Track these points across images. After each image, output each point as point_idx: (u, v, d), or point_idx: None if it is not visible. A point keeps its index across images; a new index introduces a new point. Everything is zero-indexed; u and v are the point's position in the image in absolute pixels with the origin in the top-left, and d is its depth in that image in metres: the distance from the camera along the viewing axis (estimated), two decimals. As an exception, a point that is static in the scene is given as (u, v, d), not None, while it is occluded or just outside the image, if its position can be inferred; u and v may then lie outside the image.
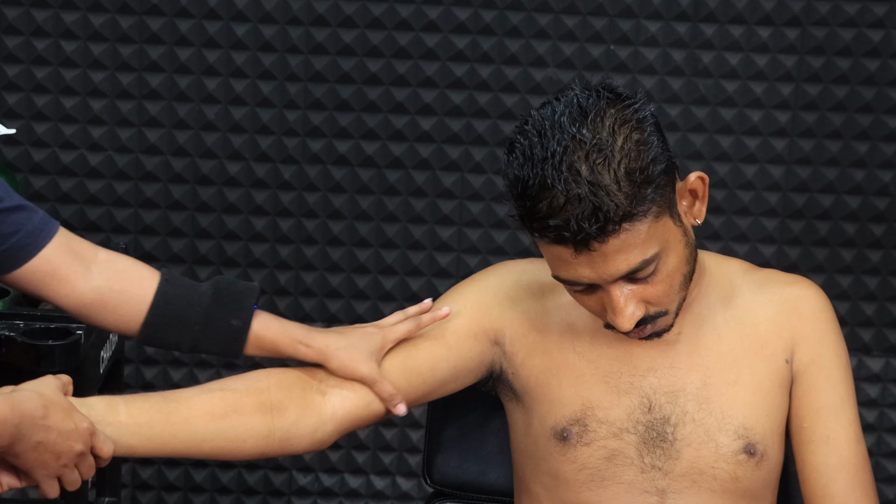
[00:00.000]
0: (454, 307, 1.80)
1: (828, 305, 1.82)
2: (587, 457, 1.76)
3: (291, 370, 1.74)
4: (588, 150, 1.60)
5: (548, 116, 1.63)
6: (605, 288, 1.66)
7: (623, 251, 1.62)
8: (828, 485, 1.76)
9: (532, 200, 1.61)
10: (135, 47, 2.82)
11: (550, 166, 1.60)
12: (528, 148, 1.62)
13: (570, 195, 1.59)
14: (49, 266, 1.68)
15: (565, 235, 1.60)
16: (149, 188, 2.87)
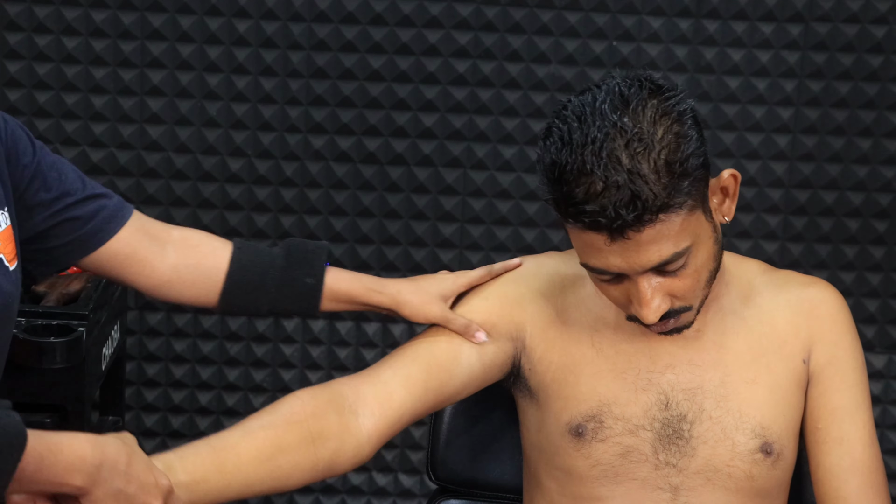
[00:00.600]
0: (480, 303, 1.81)
1: (845, 307, 1.83)
2: (601, 453, 1.76)
3: (321, 391, 1.71)
4: (629, 139, 1.59)
5: (588, 103, 1.62)
6: (632, 279, 1.66)
7: (656, 242, 1.62)
8: (841, 486, 1.76)
9: (569, 185, 1.60)
10: (136, 44, 2.81)
11: (590, 152, 1.59)
12: (566, 133, 1.61)
13: (608, 181, 1.58)
14: (127, 248, 1.73)
15: (601, 221, 1.60)
16: (151, 185, 2.87)
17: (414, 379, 1.74)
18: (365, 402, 1.71)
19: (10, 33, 2.80)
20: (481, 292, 1.83)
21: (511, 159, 2.87)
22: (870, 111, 2.85)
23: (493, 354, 1.80)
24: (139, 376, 2.95)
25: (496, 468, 1.97)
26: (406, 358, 1.76)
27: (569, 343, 1.80)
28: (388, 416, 1.72)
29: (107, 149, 2.85)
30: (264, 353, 2.95)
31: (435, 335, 1.79)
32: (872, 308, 2.92)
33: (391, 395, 1.72)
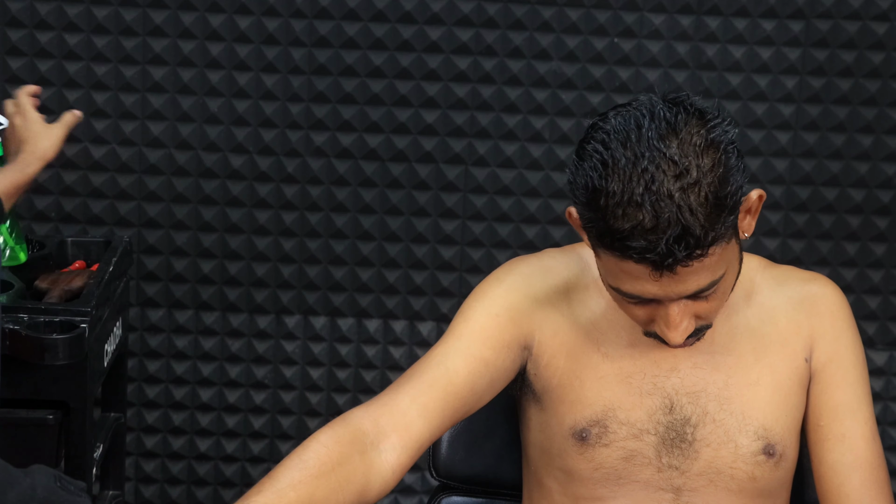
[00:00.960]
0: (489, 320, 1.78)
1: (845, 304, 1.82)
2: (605, 457, 1.75)
3: (343, 431, 1.67)
4: (680, 172, 1.55)
5: (632, 128, 1.58)
6: (663, 303, 1.64)
7: (696, 273, 1.60)
8: (843, 483, 1.75)
9: (614, 216, 1.56)
10: (138, 40, 2.81)
11: (640, 184, 1.55)
12: (610, 158, 1.57)
13: (659, 217, 1.55)
14: None
15: (649, 257, 1.56)
16: (152, 181, 2.87)
17: (431, 408, 1.71)
18: (386, 435, 1.69)
19: (11, 30, 2.80)
20: (489, 307, 1.79)
21: (512, 156, 2.87)
22: (871, 108, 2.85)
23: (504, 371, 1.78)
24: (141, 373, 2.95)
25: (497, 465, 1.96)
26: (423, 384, 1.72)
27: (575, 348, 1.78)
28: (409, 447, 1.70)
29: (108, 145, 2.85)
30: (265, 349, 2.95)
31: (452, 356, 1.75)
32: (873, 304, 2.93)
33: (410, 426, 1.69)
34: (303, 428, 2.97)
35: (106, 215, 2.88)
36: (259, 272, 2.91)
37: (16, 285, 2.38)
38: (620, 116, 1.60)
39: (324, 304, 2.93)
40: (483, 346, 1.76)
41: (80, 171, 2.86)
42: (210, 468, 2.99)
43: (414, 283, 2.92)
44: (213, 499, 3.00)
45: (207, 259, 2.91)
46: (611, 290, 1.67)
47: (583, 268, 1.82)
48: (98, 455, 2.45)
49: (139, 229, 2.89)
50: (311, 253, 2.91)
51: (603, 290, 1.80)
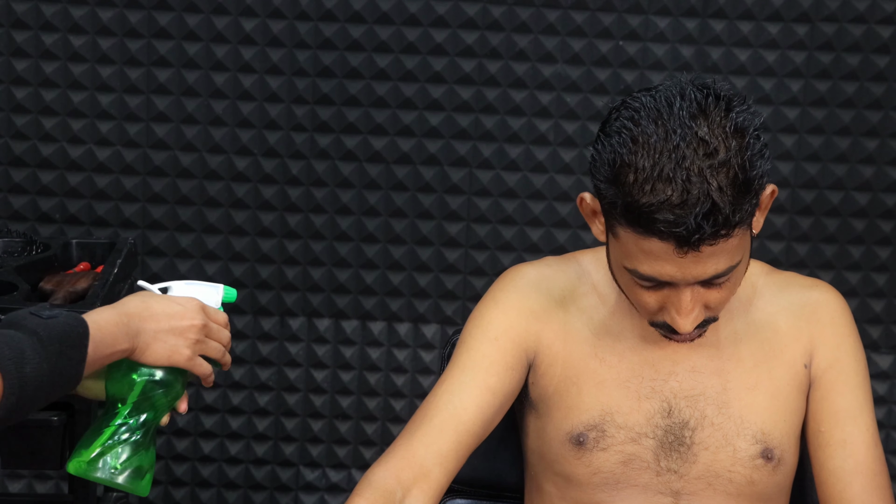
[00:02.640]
0: (489, 345, 1.78)
1: (846, 310, 1.82)
2: (603, 461, 1.75)
3: (373, 494, 1.70)
4: (710, 151, 1.56)
5: (663, 106, 1.59)
6: (676, 287, 1.64)
7: (716, 255, 1.60)
8: (844, 489, 1.75)
9: (642, 191, 1.57)
10: (143, 42, 2.81)
11: (672, 160, 1.56)
12: (640, 135, 1.58)
13: (689, 192, 1.55)
14: None
15: (677, 232, 1.56)
16: (157, 183, 2.87)
17: (445, 452, 1.73)
18: (409, 490, 1.71)
19: (16, 31, 2.80)
20: (488, 331, 1.79)
21: (517, 158, 2.87)
22: (876, 111, 2.85)
23: (511, 392, 1.78)
24: (145, 374, 2.95)
25: (502, 468, 1.97)
26: (434, 429, 1.73)
27: (572, 355, 1.79)
28: (431, 495, 1.72)
29: (113, 147, 2.86)
30: (269, 351, 2.95)
31: (459, 392, 1.76)
32: (878, 308, 2.92)
33: (429, 475, 1.72)
34: (307, 430, 2.97)
35: (111, 217, 2.88)
36: (263, 274, 2.91)
37: (18, 286, 2.38)
38: (650, 96, 1.61)
39: (328, 306, 2.93)
40: (487, 374, 1.76)
41: (85, 172, 2.86)
42: (214, 469, 2.99)
43: (418, 286, 2.92)
44: (216, 500, 3.00)
45: (212, 261, 2.91)
46: (624, 275, 1.67)
47: (581, 275, 1.82)
48: (102, 457, 2.45)
49: (144, 231, 2.89)
50: (316, 255, 2.91)
51: (602, 295, 1.80)
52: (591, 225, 1.72)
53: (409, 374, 2.96)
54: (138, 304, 1.61)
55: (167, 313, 1.62)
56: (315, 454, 2.98)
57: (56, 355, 1.49)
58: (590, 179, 1.67)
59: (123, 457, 1.63)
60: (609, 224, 1.65)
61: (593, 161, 1.63)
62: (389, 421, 2.97)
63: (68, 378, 1.52)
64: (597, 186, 1.64)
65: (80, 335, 1.51)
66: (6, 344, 1.45)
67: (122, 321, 1.58)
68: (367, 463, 2.97)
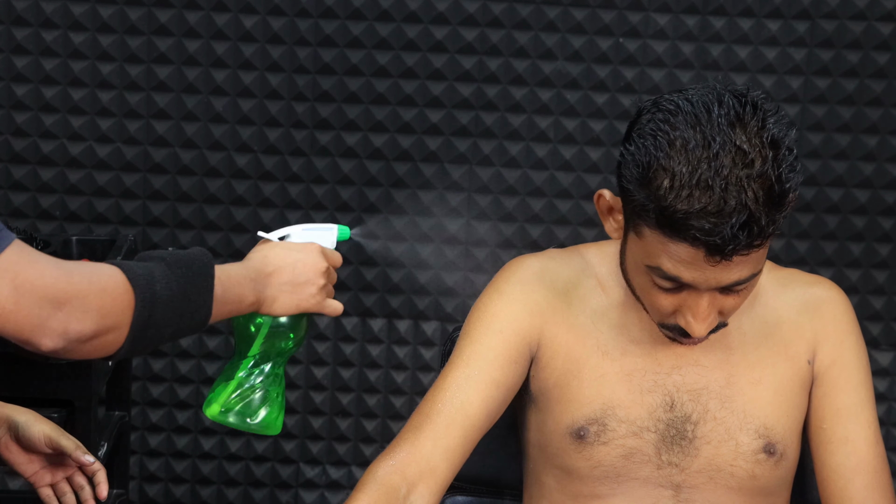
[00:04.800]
0: (494, 338, 1.77)
1: (849, 307, 1.82)
2: (604, 455, 1.75)
3: (378, 494, 1.69)
4: (747, 161, 1.56)
5: (702, 111, 1.58)
6: (695, 291, 1.64)
7: (742, 264, 1.60)
8: (846, 486, 1.75)
9: (678, 196, 1.56)
10: (143, 39, 2.81)
11: (711, 168, 1.55)
12: (677, 139, 1.57)
13: (727, 202, 1.55)
14: None
15: (711, 240, 1.56)
16: (157, 180, 2.87)
17: (452, 448, 1.72)
18: (414, 486, 1.70)
19: (17, 28, 2.80)
20: (492, 324, 1.78)
21: (517, 156, 2.87)
22: (876, 108, 2.85)
23: (514, 385, 1.78)
24: (145, 372, 2.95)
25: (502, 464, 1.96)
26: (441, 425, 1.73)
27: (574, 348, 1.78)
28: (436, 491, 1.72)
29: (113, 144, 2.86)
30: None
31: (464, 386, 1.75)
32: (878, 305, 2.92)
33: (435, 471, 1.71)
34: (307, 427, 2.97)
35: (111, 214, 2.88)
36: (263, 271, 2.91)
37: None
38: (685, 99, 1.60)
39: (328, 303, 2.93)
40: (491, 367, 1.76)
41: (85, 169, 2.86)
42: (214, 467, 2.99)
43: (418, 283, 2.92)
44: (217, 497, 3.00)
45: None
46: (642, 275, 1.66)
47: (584, 268, 1.82)
48: (102, 454, 2.45)
49: (144, 228, 2.89)
50: (316, 252, 2.91)
51: (606, 289, 1.80)
52: (604, 221, 1.72)
53: (410, 371, 2.96)
54: (261, 259, 1.63)
55: (290, 263, 1.64)
56: (315, 451, 2.98)
57: (184, 279, 1.51)
58: (615, 178, 1.65)
59: (255, 402, 1.66)
60: (633, 223, 1.64)
61: (622, 161, 1.62)
62: (389, 418, 2.97)
63: (198, 307, 1.52)
64: (624, 186, 1.63)
65: (205, 264, 1.53)
66: (136, 265, 1.48)
67: (249, 275, 1.59)
68: (367, 460, 2.97)
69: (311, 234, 1.73)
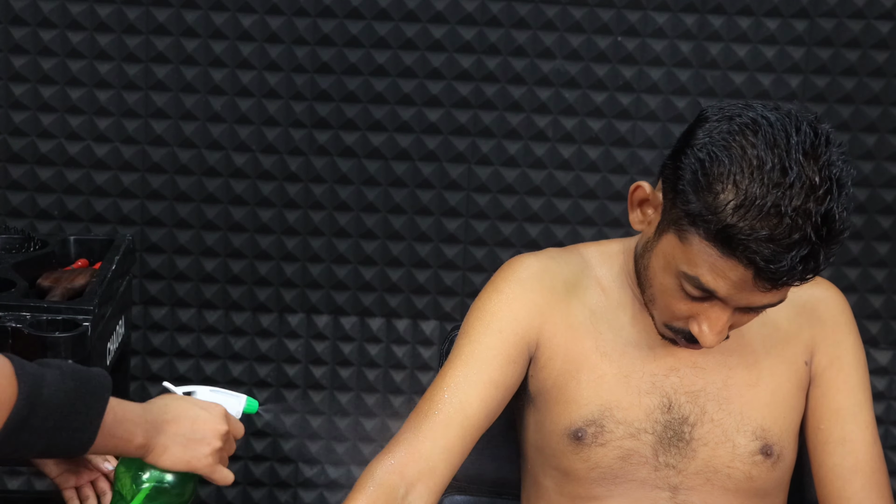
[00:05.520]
0: (494, 338, 1.77)
1: (847, 308, 1.82)
2: (601, 456, 1.75)
3: (376, 493, 1.70)
4: (819, 196, 1.55)
5: (780, 134, 1.55)
6: (720, 305, 1.63)
7: (781, 291, 1.60)
8: (844, 487, 1.75)
9: (744, 217, 1.54)
10: (141, 38, 2.81)
11: (786, 196, 1.53)
12: (755, 158, 1.55)
13: (794, 233, 1.54)
14: None
15: (769, 267, 1.55)
16: (155, 179, 2.87)
17: (451, 447, 1.73)
18: (413, 486, 1.71)
19: (14, 27, 2.79)
20: (491, 323, 1.78)
21: (516, 155, 2.87)
22: (875, 107, 2.85)
23: (513, 385, 1.78)
24: (144, 371, 2.95)
25: (501, 464, 1.96)
26: (440, 424, 1.73)
27: (572, 348, 1.78)
28: (435, 491, 1.72)
29: (111, 143, 2.85)
30: (268, 348, 2.95)
31: (464, 385, 1.75)
32: (877, 304, 2.92)
33: (434, 471, 1.72)
34: (305, 426, 2.97)
35: (109, 213, 2.87)
36: (262, 271, 2.91)
37: (17, 283, 2.38)
38: (763, 117, 1.57)
39: (327, 302, 2.93)
40: (490, 367, 1.76)
41: (83, 169, 2.86)
42: (213, 466, 2.99)
43: (417, 282, 2.92)
44: (216, 497, 3.00)
45: (210, 257, 2.91)
46: (669, 278, 1.65)
47: (583, 268, 1.81)
48: (100, 454, 2.45)
49: (142, 227, 2.89)
50: (314, 251, 2.91)
51: (605, 289, 1.79)
52: (631, 211, 1.70)
53: (408, 371, 2.96)
54: (161, 406, 1.56)
55: (190, 417, 1.57)
56: (314, 450, 2.98)
57: (75, 393, 1.44)
58: (658, 174, 1.64)
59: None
60: (678, 227, 1.62)
61: (680, 163, 1.60)
62: (388, 417, 2.97)
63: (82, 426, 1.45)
64: (677, 188, 1.61)
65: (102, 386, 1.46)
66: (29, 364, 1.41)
67: (145, 416, 1.52)
68: (365, 459, 2.97)
69: (218, 397, 1.66)
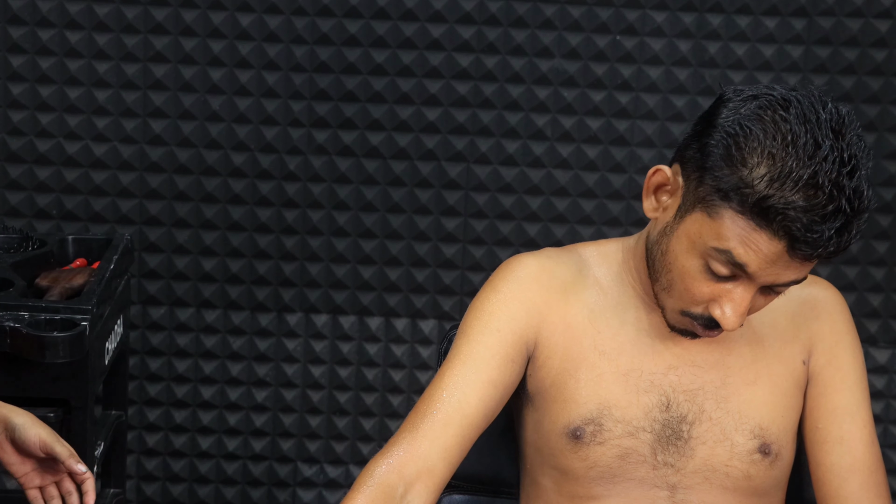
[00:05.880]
0: (492, 337, 1.77)
1: (845, 307, 1.82)
2: (599, 455, 1.75)
3: (374, 492, 1.70)
4: (850, 170, 1.57)
5: (810, 109, 1.58)
6: (743, 284, 1.63)
7: (805, 267, 1.62)
8: (841, 486, 1.75)
9: (782, 187, 1.56)
10: (139, 38, 2.81)
11: (822, 169, 1.55)
12: (789, 132, 1.57)
13: (830, 204, 1.55)
14: None
15: (806, 237, 1.57)
16: (154, 179, 2.87)
17: (450, 446, 1.73)
18: (412, 485, 1.71)
19: (13, 27, 2.79)
20: (489, 322, 1.78)
21: (514, 153, 2.87)
22: (873, 106, 2.84)
23: (511, 384, 1.78)
24: (142, 371, 2.95)
25: (499, 463, 1.96)
26: (439, 423, 1.73)
27: (571, 347, 1.78)
28: (434, 490, 1.72)
29: (109, 143, 2.85)
30: (267, 347, 2.95)
31: (462, 385, 1.75)
32: (876, 303, 2.92)
33: (433, 470, 1.72)
34: (304, 425, 2.97)
35: (107, 213, 2.87)
36: (260, 270, 2.91)
37: (15, 283, 2.38)
38: (793, 96, 1.60)
39: (325, 301, 2.93)
40: (488, 366, 1.76)
41: (82, 168, 2.86)
42: (212, 466, 2.99)
43: (416, 281, 2.92)
44: (214, 497, 3.00)
45: (209, 257, 2.91)
46: (696, 257, 1.65)
47: (581, 267, 1.81)
48: (99, 453, 2.45)
49: (140, 227, 2.89)
50: (313, 250, 2.91)
51: (603, 288, 1.79)
52: (645, 199, 1.71)
53: (407, 370, 2.96)
54: None
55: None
56: (313, 450, 2.98)
57: None
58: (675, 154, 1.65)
59: None
60: (707, 203, 1.62)
61: (706, 139, 1.62)
62: (387, 416, 2.97)
63: None
64: (706, 165, 1.62)
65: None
66: None
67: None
68: (364, 459, 2.97)
69: None
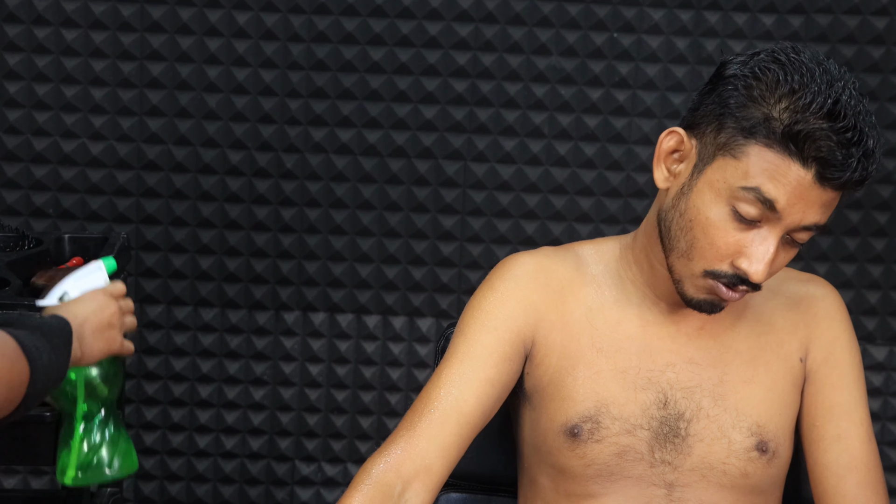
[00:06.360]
0: (489, 335, 1.77)
1: (842, 305, 1.82)
2: (597, 453, 1.75)
3: (372, 491, 1.70)
4: (863, 106, 1.62)
5: (815, 56, 1.64)
6: (768, 230, 1.65)
7: (828, 205, 1.64)
8: (839, 484, 1.75)
9: (809, 112, 1.59)
10: (136, 36, 2.81)
11: (842, 100, 1.60)
12: (807, 72, 1.61)
13: (854, 130, 1.59)
14: None
15: (835, 160, 1.59)
16: (150, 177, 2.87)
17: (448, 445, 1.73)
18: (409, 483, 1.71)
19: (9, 25, 2.79)
20: (487, 321, 1.78)
21: (512, 151, 2.87)
22: (871, 103, 2.84)
23: (509, 383, 1.78)
24: (139, 369, 2.95)
25: (496, 462, 1.96)
26: (436, 421, 1.73)
27: (568, 345, 1.78)
28: (432, 488, 1.72)
29: (106, 141, 2.85)
30: (264, 345, 2.94)
31: (459, 383, 1.75)
32: (873, 300, 2.92)
33: (430, 469, 1.72)
34: (302, 424, 2.97)
35: (104, 211, 2.87)
36: (258, 268, 2.91)
37: (11, 282, 2.38)
38: (794, 48, 1.65)
39: (323, 300, 2.93)
40: (486, 364, 1.76)
41: (78, 167, 2.86)
42: (209, 464, 2.99)
43: (413, 279, 2.92)
44: (212, 495, 3.00)
45: (206, 255, 2.90)
46: (721, 205, 1.66)
47: (579, 266, 1.81)
48: (96, 452, 2.45)
49: (137, 225, 2.88)
50: (311, 249, 2.90)
51: (601, 286, 1.79)
52: (657, 168, 1.72)
53: (405, 368, 2.96)
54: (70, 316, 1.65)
55: (91, 311, 1.68)
56: (311, 448, 2.98)
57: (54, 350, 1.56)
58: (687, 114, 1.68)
59: (106, 455, 1.70)
60: (725, 149, 1.64)
61: (721, 90, 1.65)
62: (385, 415, 2.97)
63: (60, 374, 1.58)
64: (724, 113, 1.64)
65: (69, 333, 1.60)
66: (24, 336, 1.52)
67: (72, 333, 1.63)
68: (362, 457, 2.97)
69: (85, 283, 1.76)
